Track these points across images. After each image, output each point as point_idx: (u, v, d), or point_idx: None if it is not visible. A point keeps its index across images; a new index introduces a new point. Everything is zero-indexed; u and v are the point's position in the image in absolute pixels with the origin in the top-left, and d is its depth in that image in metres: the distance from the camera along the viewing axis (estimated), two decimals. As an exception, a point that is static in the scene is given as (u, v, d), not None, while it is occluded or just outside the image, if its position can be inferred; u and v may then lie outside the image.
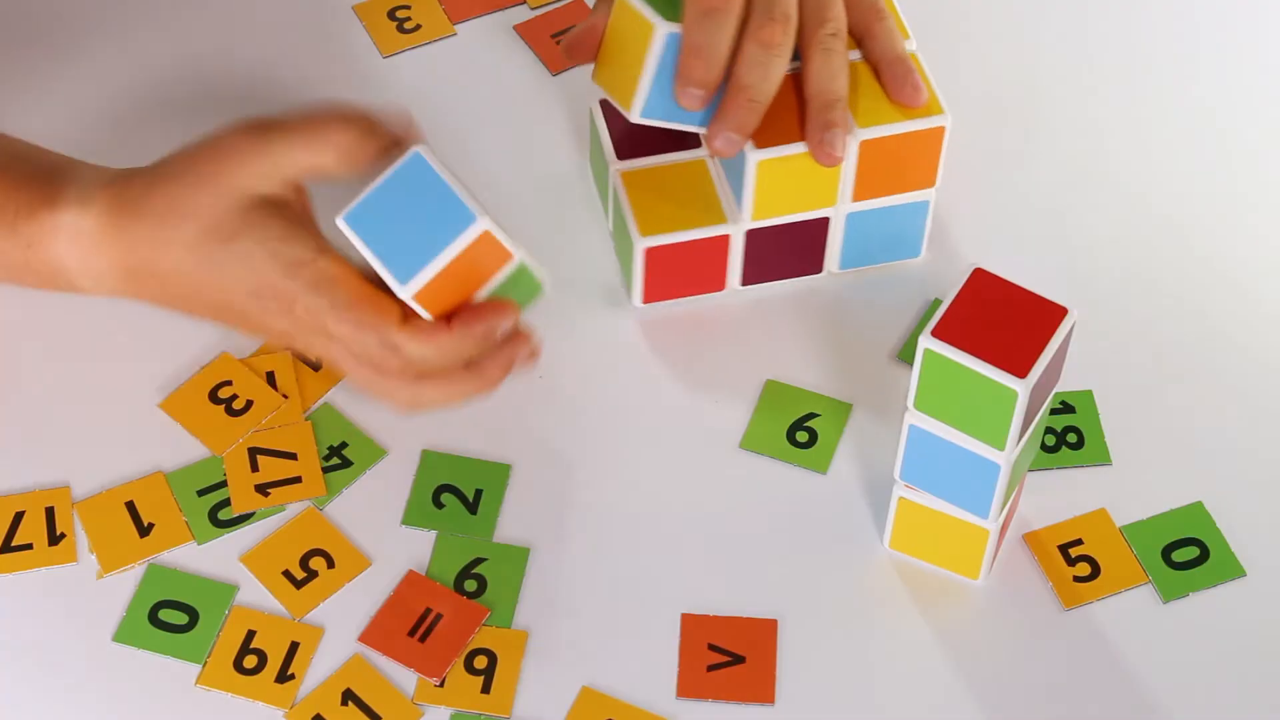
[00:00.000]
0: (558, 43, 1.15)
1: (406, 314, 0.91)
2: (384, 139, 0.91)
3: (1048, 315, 0.87)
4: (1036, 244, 1.07)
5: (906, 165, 1.01)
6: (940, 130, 1.00)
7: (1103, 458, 1.00)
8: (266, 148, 0.91)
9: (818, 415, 1.01)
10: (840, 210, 1.03)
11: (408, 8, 1.16)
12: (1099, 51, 1.16)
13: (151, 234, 0.92)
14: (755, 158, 0.99)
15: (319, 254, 0.90)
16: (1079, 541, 0.97)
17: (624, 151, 1.03)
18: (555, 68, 1.14)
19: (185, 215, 0.91)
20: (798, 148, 0.99)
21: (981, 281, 0.88)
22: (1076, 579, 0.96)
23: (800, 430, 1.01)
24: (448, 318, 0.91)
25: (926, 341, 0.86)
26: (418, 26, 1.15)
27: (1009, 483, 0.91)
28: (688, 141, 1.03)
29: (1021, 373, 0.85)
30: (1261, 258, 1.08)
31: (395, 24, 1.15)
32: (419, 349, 0.90)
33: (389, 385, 0.92)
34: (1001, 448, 0.88)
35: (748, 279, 1.05)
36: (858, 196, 1.02)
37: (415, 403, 0.92)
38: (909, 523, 0.94)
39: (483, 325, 0.91)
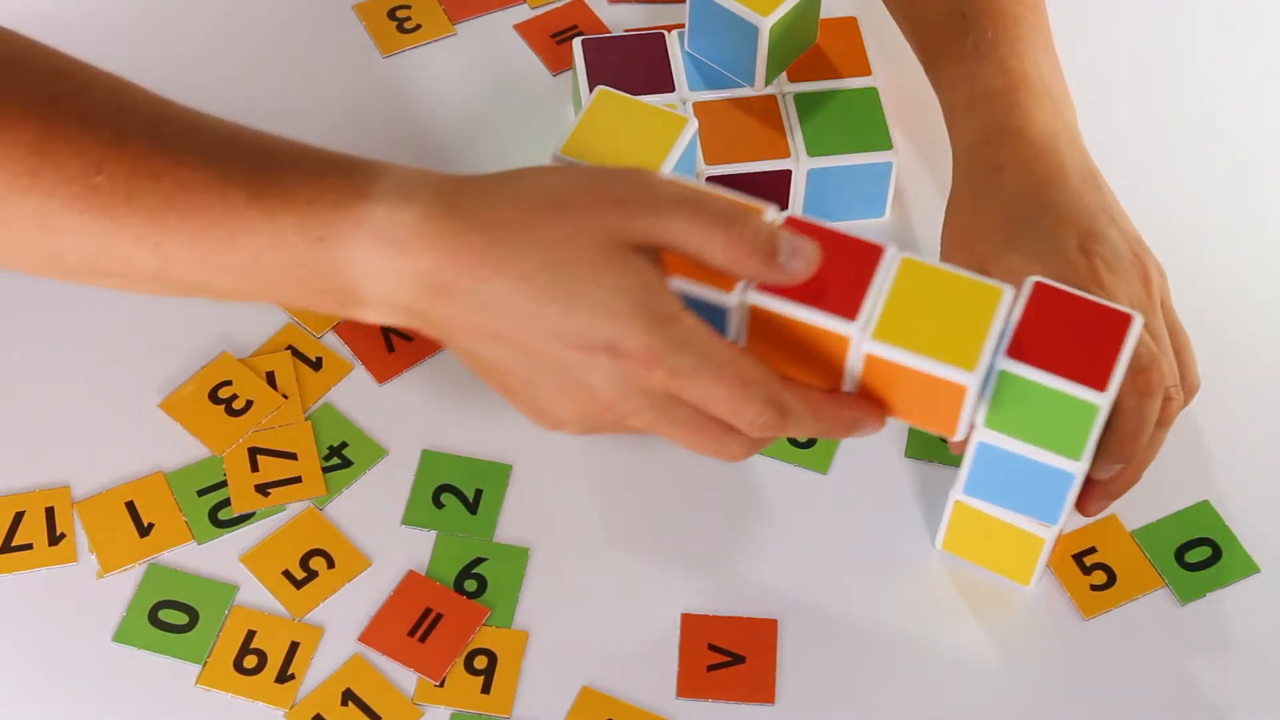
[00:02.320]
0: (558, 42, 1.15)
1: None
2: (767, 256, 0.82)
3: (1114, 322, 0.86)
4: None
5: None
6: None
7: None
8: (656, 203, 0.81)
9: (818, 415, 1.01)
10: (801, 166, 1.04)
11: (408, 7, 1.16)
12: (1100, 51, 1.16)
13: (483, 249, 0.80)
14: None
15: (684, 310, 0.81)
16: (1092, 549, 0.96)
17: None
18: (555, 68, 1.14)
19: (534, 240, 0.80)
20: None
21: (1043, 295, 0.86)
22: (1094, 588, 0.95)
23: (800, 430, 1.00)
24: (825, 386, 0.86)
25: (1004, 364, 0.84)
26: (418, 26, 1.15)
27: (1080, 487, 0.91)
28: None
29: (1101, 385, 0.84)
30: (1262, 255, 1.07)
31: (395, 24, 1.15)
32: (798, 403, 0.83)
33: (736, 442, 0.84)
34: (1078, 458, 0.87)
35: None
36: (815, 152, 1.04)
37: (755, 450, 0.86)
38: (964, 527, 0.94)
39: (855, 412, 0.85)
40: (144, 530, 0.96)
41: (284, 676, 0.92)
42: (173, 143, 0.83)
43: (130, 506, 0.97)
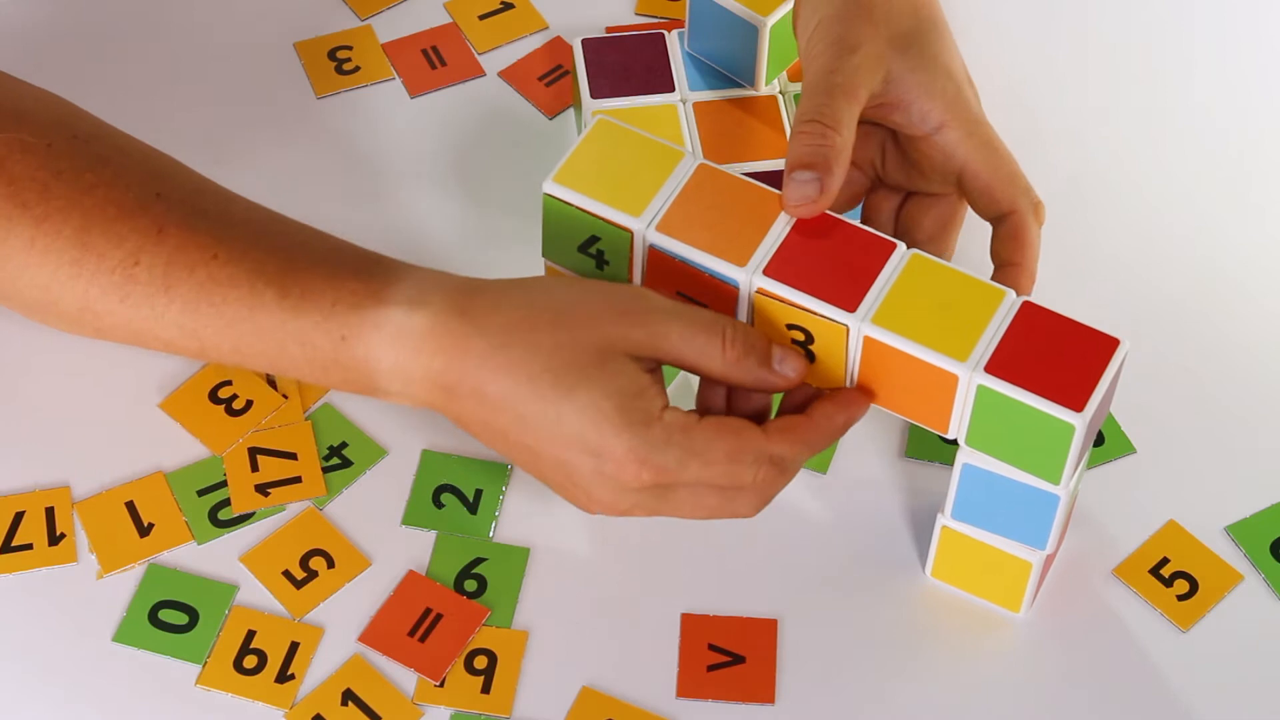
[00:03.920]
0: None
1: (757, 420, 0.87)
2: (765, 367, 0.86)
3: (1099, 346, 0.86)
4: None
5: None
6: None
7: (1128, 447, 0.99)
8: (650, 320, 0.85)
9: (818, 415, 1.01)
10: None
11: (349, 48, 1.15)
12: (1100, 51, 1.16)
13: (488, 353, 0.85)
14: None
15: (666, 409, 0.85)
16: (1165, 560, 0.96)
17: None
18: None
19: (534, 345, 0.84)
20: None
21: (1030, 314, 0.86)
22: (1180, 598, 0.95)
23: (800, 430, 1.00)
24: (800, 408, 0.88)
25: (980, 378, 0.85)
26: (356, 69, 1.14)
27: (1067, 511, 0.90)
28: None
29: (1078, 406, 0.84)
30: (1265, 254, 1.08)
31: (334, 64, 1.14)
32: (788, 448, 0.86)
33: (741, 501, 0.87)
34: (1056, 481, 0.87)
35: None
36: None
37: (766, 501, 0.88)
38: (953, 553, 0.94)
39: (844, 417, 0.88)
40: (144, 530, 0.96)
41: (284, 676, 0.92)
42: (208, 235, 0.88)
43: (130, 506, 0.97)
